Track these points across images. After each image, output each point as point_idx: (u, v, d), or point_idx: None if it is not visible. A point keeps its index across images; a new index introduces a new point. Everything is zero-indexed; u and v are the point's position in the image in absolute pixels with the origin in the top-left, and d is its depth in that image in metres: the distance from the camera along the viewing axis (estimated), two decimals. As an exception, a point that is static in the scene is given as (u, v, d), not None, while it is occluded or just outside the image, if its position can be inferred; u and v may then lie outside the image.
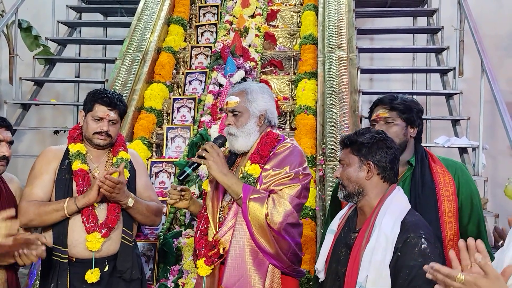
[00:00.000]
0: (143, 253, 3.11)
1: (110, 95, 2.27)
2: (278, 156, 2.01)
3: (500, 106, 3.85)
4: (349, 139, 1.78)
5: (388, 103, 2.02)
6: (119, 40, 5.31)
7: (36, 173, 2.23)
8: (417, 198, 1.93)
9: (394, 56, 6.00)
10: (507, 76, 5.66)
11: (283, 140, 2.08)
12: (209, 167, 1.95)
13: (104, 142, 2.26)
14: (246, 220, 1.91)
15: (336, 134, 3.52)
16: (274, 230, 1.89)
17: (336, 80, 3.89)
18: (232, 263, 1.91)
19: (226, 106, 2.09)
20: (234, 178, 1.97)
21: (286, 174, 1.95)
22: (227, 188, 1.96)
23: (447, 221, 1.92)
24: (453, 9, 5.09)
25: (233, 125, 2.06)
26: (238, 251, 1.92)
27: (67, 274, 2.14)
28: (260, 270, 1.92)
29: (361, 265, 1.60)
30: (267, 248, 1.91)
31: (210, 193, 2.06)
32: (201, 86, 4.28)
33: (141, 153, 3.57)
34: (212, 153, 1.96)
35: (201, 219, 2.08)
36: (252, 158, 2.02)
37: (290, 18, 4.93)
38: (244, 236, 1.93)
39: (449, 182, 1.96)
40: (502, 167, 5.38)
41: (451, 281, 1.21)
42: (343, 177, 1.76)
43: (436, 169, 2.00)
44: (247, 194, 1.91)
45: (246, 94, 2.07)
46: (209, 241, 1.99)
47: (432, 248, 1.57)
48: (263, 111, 2.07)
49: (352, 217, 1.81)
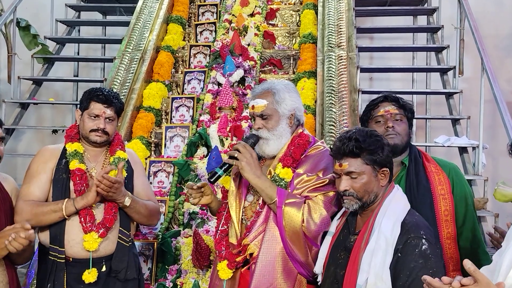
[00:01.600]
0: (141, 253, 3.09)
1: (106, 92, 2.25)
2: (310, 159, 1.94)
3: (500, 105, 3.84)
4: (357, 148, 1.66)
5: (396, 100, 2.02)
6: (118, 39, 5.29)
7: (33, 173, 2.21)
8: (413, 198, 1.91)
9: (394, 55, 5.98)
10: (508, 76, 5.65)
11: (314, 142, 2.01)
12: (242, 168, 1.88)
13: (101, 139, 2.24)
14: (280, 226, 1.84)
15: (335, 134, 3.51)
16: (309, 238, 1.83)
17: (336, 79, 3.87)
18: (261, 271, 1.85)
19: (253, 110, 1.99)
20: (268, 181, 1.90)
21: (320, 180, 1.88)
22: (260, 192, 1.89)
23: (444, 219, 1.91)
24: (453, 8, 5.07)
25: (263, 129, 1.97)
26: (268, 258, 1.85)
27: (64, 274, 2.12)
28: (290, 279, 1.86)
29: (361, 267, 1.57)
30: (299, 255, 1.85)
31: (234, 192, 1.99)
32: (200, 85, 4.27)
33: (140, 152, 3.55)
34: (245, 154, 1.88)
35: (221, 219, 2.03)
36: (285, 161, 1.94)
37: (290, 17, 4.91)
38: (275, 243, 1.86)
39: (444, 181, 1.96)
40: (502, 166, 5.36)
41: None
42: (359, 189, 1.66)
43: (430, 168, 1.99)
44: (283, 199, 1.84)
45: (273, 95, 1.98)
46: (231, 243, 1.93)
47: (433, 249, 1.54)
48: (292, 111, 2.00)
49: (351, 219, 1.77)
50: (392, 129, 1.98)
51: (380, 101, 2.04)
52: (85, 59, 6.09)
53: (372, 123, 2.05)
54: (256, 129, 2.00)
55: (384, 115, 2.00)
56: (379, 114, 2.01)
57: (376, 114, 2.03)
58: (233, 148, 1.94)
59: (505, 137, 3.80)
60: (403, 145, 2.00)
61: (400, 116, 2.00)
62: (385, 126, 1.99)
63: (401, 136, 1.99)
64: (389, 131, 1.98)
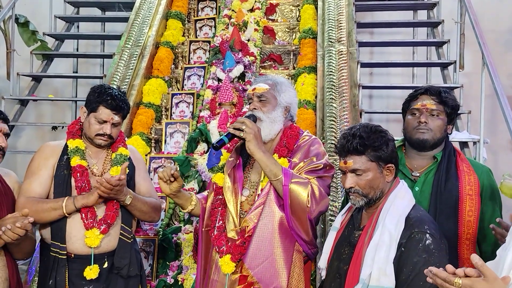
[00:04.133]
0: (143, 249, 3.09)
1: (116, 97, 2.21)
2: (302, 149, 2.01)
3: (501, 100, 3.82)
4: (361, 145, 1.65)
5: (437, 94, 1.97)
6: (117, 35, 5.26)
7: (34, 169, 2.20)
8: (438, 193, 1.91)
9: (394, 50, 5.96)
10: (508, 70, 5.63)
11: (302, 133, 2.09)
12: (249, 141, 1.89)
13: (105, 143, 2.25)
14: (286, 203, 1.87)
15: (336, 129, 3.50)
16: (309, 216, 1.88)
17: (336, 74, 3.86)
18: (257, 244, 1.88)
19: (253, 91, 2.06)
20: (272, 158, 1.93)
21: (315, 164, 1.95)
22: (264, 167, 1.91)
23: (466, 219, 1.88)
24: (453, 3, 5.05)
25: (258, 110, 2.03)
26: (265, 233, 1.89)
27: (65, 270, 2.12)
28: (286, 255, 1.90)
29: (364, 262, 1.57)
30: (301, 231, 1.89)
31: (230, 187, 2.01)
32: (200, 81, 4.25)
33: (140, 148, 3.54)
34: (252, 127, 1.91)
35: (216, 215, 2.03)
36: (280, 151, 2.00)
37: (289, 12, 4.89)
38: (273, 219, 1.89)
39: (474, 182, 1.93)
40: (503, 161, 5.37)
41: (448, 286, 1.19)
42: (365, 186, 1.66)
43: (462, 167, 1.97)
44: (289, 177, 1.88)
45: (275, 85, 2.09)
46: (230, 238, 1.94)
47: (437, 243, 1.54)
48: (289, 104, 2.09)
49: (356, 214, 1.78)
50: (424, 124, 1.95)
51: (421, 93, 2.00)
52: (84, 55, 6.07)
53: (408, 114, 2.03)
54: (251, 109, 2.05)
55: (420, 109, 1.97)
56: (415, 107, 1.98)
57: (413, 106, 2.00)
58: (238, 121, 1.94)
59: (506, 132, 3.79)
60: (434, 141, 1.97)
61: (437, 112, 1.96)
62: (418, 120, 1.96)
63: (433, 132, 1.95)
64: (420, 126, 1.96)
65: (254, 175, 2.05)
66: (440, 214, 1.90)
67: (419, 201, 1.81)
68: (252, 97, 2.07)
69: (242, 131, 1.90)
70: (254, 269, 1.86)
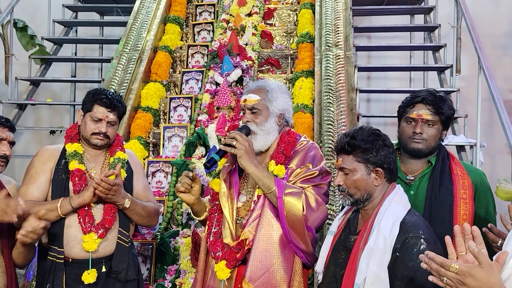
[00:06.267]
0: (140, 253, 3.09)
1: (110, 96, 2.24)
2: (299, 154, 1.99)
3: (497, 103, 3.85)
4: (349, 145, 1.69)
5: (433, 104, 1.95)
6: (115, 39, 5.28)
7: (32, 173, 2.21)
8: (433, 197, 1.92)
9: (391, 54, 5.99)
10: (505, 74, 5.66)
11: (299, 138, 2.07)
12: (240, 156, 1.89)
13: (102, 142, 2.25)
14: (281, 215, 1.86)
15: (333, 133, 3.51)
16: (307, 225, 1.87)
17: (333, 78, 3.88)
18: (257, 257, 1.87)
19: (244, 103, 2.04)
20: (266, 171, 1.93)
21: (310, 172, 1.94)
22: (258, 181, 1.91)
23: (461, 223, 1.88)
24: (450, 7, 5.09)
25: (251, 122, 2.01)
26: (265, 244, 1.88)
27: (63, 275, 2.12)
28: (287, 265, 1.89)
29: (359, 267, 1.57)
30: (301, 244, 1.88)
31: (226, 193, 2.00)
32: (198, 85, 4.27)
33: (138, 152, 3.55)
34: (243, 142, 1.90)
35: (212, 221, 2.02)
36: (277, 158, 1.99)
37: (287, 17, 4.92)
38: (271, 230, 1.89)
39: (468, 186, 1.94)
40: (500, 164, 5.38)
41: (445, 271, 1.20)
42: (350, 185, 1.70)
43: (456, 170, 1.98)
44: (282, 189, 1.87)
45: (266, 93, 2.03)
46: (226, 244, 1.93)
47: (432, 248, 1.53)
48: (282, 111, 2.05)
49: (353, 219, 1.79)
50: (419, 135, 1.96)
51: (418, 101, 1.98)
52: (82, 59, 6.08)
53: (403, 121, 2.02)
54: (244, 122, 2.04)
55: (416, 119, 1.97)
56: (411, 116, 1.98)
57: (408, 114, 1.99)
58: (229, 136, 1.94)
59: (502, 135, 3.81)
60: (428, 150, 1.98)
61: (433, 122, 1.96)
62: (413, 130, 1.97)
63: (427, 142, 1.96)
64: (415, 136, 1.96)
65: (250, 180, 2.05)
66: (434, 218, 1.91)
67: (414, 205, 1.82)
68: (244, 109, 2.06)
69: (234, 147, 1.90)
70: (255, 282, 1.85)
